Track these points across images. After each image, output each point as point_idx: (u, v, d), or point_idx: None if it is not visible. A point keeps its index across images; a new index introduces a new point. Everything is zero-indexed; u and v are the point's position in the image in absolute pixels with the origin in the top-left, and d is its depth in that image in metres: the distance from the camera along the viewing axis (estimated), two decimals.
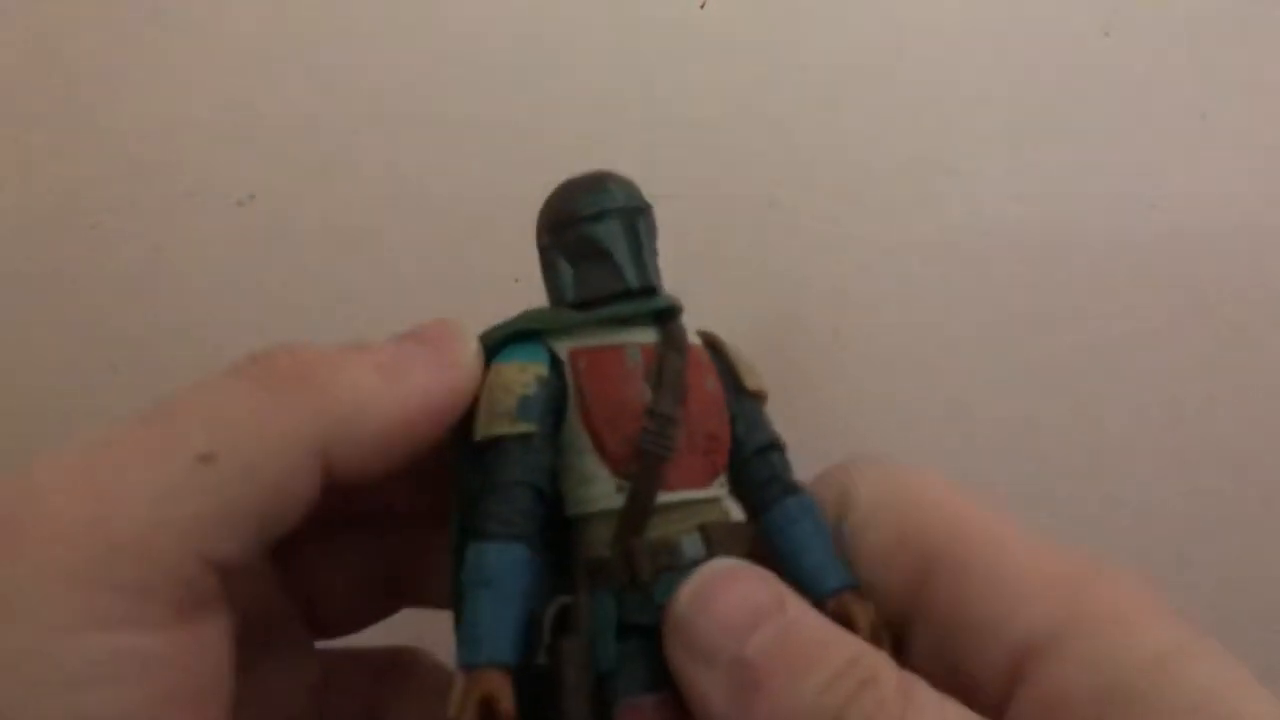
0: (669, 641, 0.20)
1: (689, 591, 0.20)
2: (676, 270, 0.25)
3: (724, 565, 0.20)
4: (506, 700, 0.19)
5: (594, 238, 0.23)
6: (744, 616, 0.19)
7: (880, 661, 0.19)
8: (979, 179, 0.43)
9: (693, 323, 0.24)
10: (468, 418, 0.22)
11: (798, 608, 0.20)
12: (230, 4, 0.41)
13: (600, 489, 0.21)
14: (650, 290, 0.23)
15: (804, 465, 0.24)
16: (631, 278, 0.22)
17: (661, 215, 0.24)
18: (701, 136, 0.42)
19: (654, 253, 0.23)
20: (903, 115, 0.43)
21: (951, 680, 0.20)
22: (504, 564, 0.20)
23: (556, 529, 0.22)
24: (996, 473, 0.42)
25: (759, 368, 0.24)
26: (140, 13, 0.41)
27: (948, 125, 0.43)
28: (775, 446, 0.23)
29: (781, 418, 0.24)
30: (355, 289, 0.41)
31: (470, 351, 0.22)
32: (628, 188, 0.23)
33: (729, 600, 0.19)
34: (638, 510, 0.21)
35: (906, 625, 0.22)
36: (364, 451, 0.20)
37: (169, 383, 0.40)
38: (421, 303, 0.42)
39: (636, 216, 0.23)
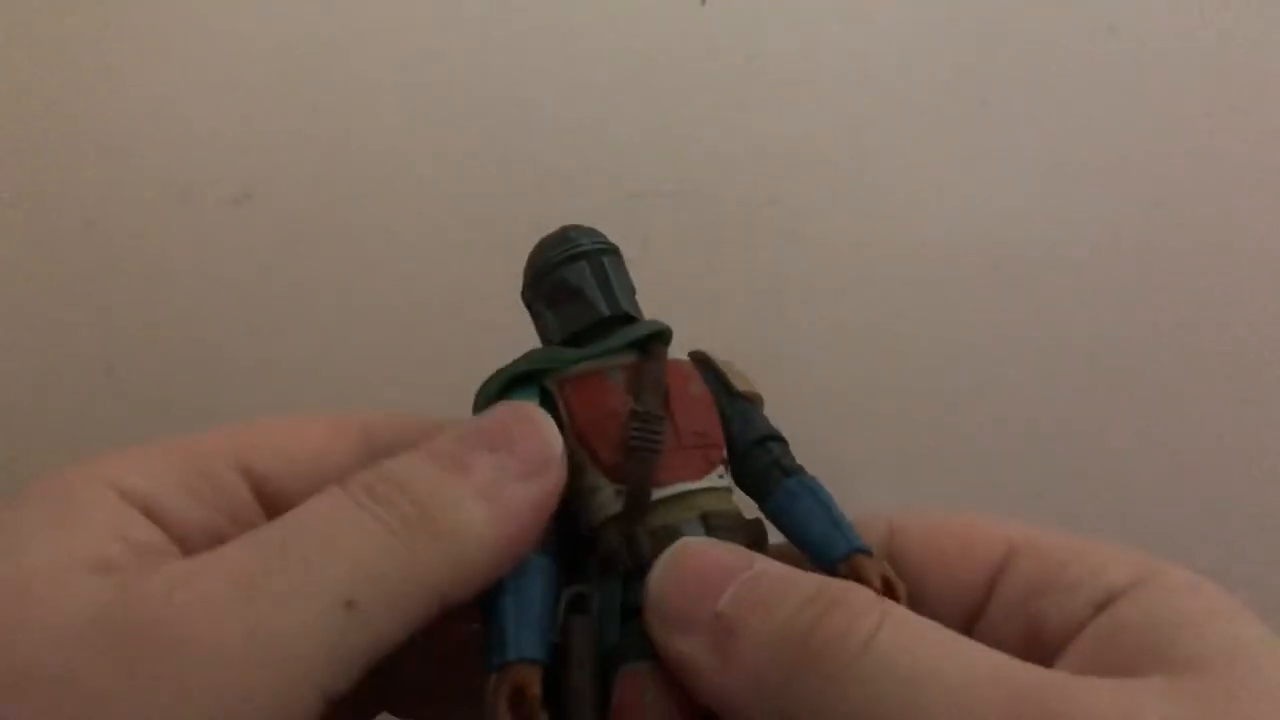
0: (650, 622, 0.21)
1: (659, 570, 0.21)
2: (677, 270, 0.25)
3: (690, 541, 0.22)
4: (534, 687, 0.21)
5: (565, 279, 0.25)
6: (713, 580, 0.20)
7: (849, 588, 0.20)
8: (980, 178, 0.43)
9: (692, 320, 0.25)
10: None
11: (765, 563, 0.21)
12: (229, 3, 0.41)
13: (603, 497, 0.23)
14: (626, 317, 0.25)
15: (805, 465, 0.24)
16: (603, 307, 0.24)
17: (662, 215, 0.25)
18: (701, 136, 0.42)
19: (626, 286, 0.25)
20: (903, 114, 0.43)
21: (1028, 637, 0.21)
22: (523, 571, 0.22)
23: (579, 547, 0.24)
24: (997, 473, 0.42)
25: (750, 375, 0.26)
26: (138, 11, 0.40)
27: (948, 125, 0.43)
28: (772, 437, 0.25)
29: (782, 417, 0.25)
30: (353, 287, 0.41)
31: (555, 448, 0.23)
32: (590, 234, 0.26)
33: (697, 569, 0.21)
34: (636, 500, 0.22)
35: (976, 615, 0.23)
36: (475, 583, 0.21)
37: (166, 382, 0.40)
38: (420, 301, 0.42)
39: (602, 256, 0.25)
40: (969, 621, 0.23)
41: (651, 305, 0.26)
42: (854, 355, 0.43)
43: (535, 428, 0.23)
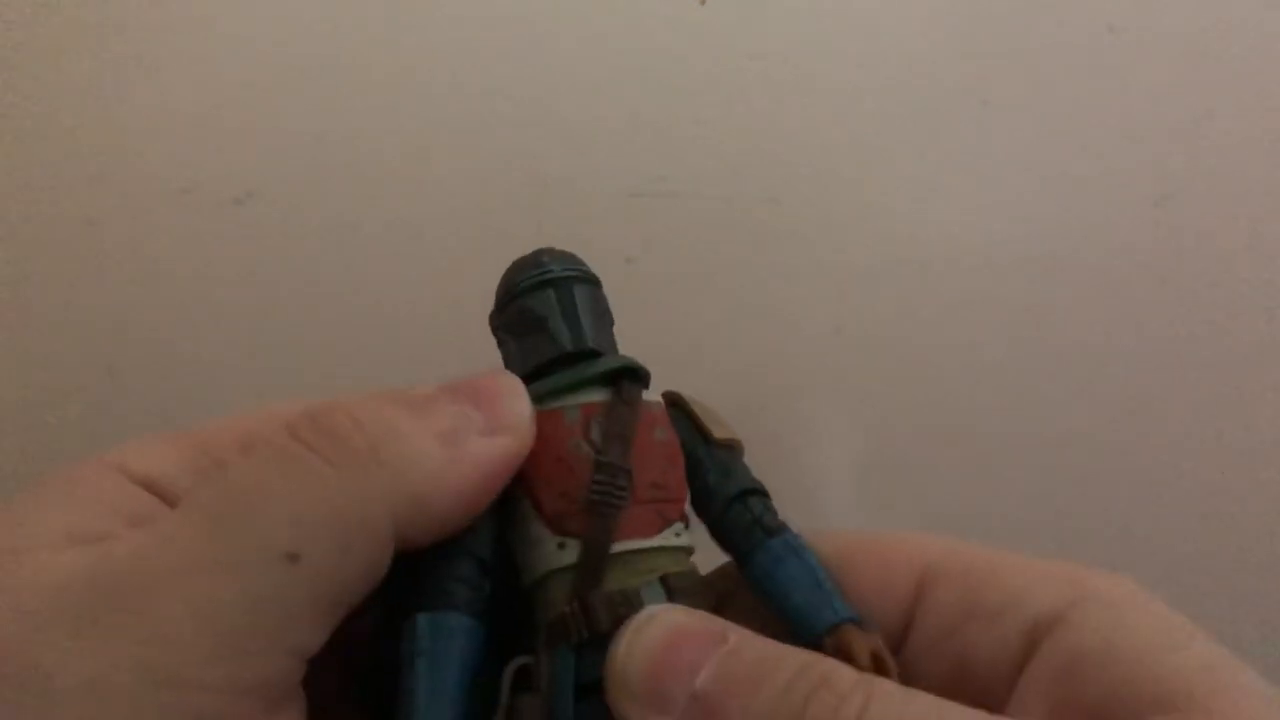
0: (615, 698, 0.19)
1: (626, 644, 0.19)
2: (676, 270, 0.25)
3: (658, 610, 0.20)
4: None
5: (529, 308, 0.23)
6: (687, 656, 0.19)
7: (833, 666, 0.18)
8: (980, 178, 0.43)
9: (691, 321, 0.24)
10: None
11: (740, 635, 0.19)
12: (229, 4, 0.41)
13: (544, 549, 0.21)
14: (591, 353, 0.23)
15: (806, 465, 0.24)
16: (565, 341, 0.22)
17: (662, 215, 0.24)
18: (702, 136, 0.42)
19: (598, 315, 0.23)
20: (903, 114, 0.43)
21: (957, 671, 0.20)
22: (440, 633, 0.20)
23: (516, 602, 0.22)
24: (996, 472, 0.42)
25: (727, 419, 0.24)
26: (138, 11, 0.40)
27: (948, 125, 0.43)
28: (753, 491, 0.23)
29: (781, 417, 0.24)
30: (352, 287, 0.41)
31: (524, 412, 0.21)
32: (563, 259, 0.23)
33: (669, 643, 0.19)
34: (592, 562, 0.20)
35: (900, 641, 0.22)
36: (430, 526, 0.20)
37: (165, 382, 0.40)
38: (420, 301, 0.42)
39: (573, 284, 0.23)
40: (894, 646, 0.22)
41: (650, 305, 0.25)
42: (854, 355, 0.42)
43: (505, 389, 0.21)
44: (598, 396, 0.22)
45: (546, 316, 0.23)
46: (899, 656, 0.21)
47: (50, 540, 0.19)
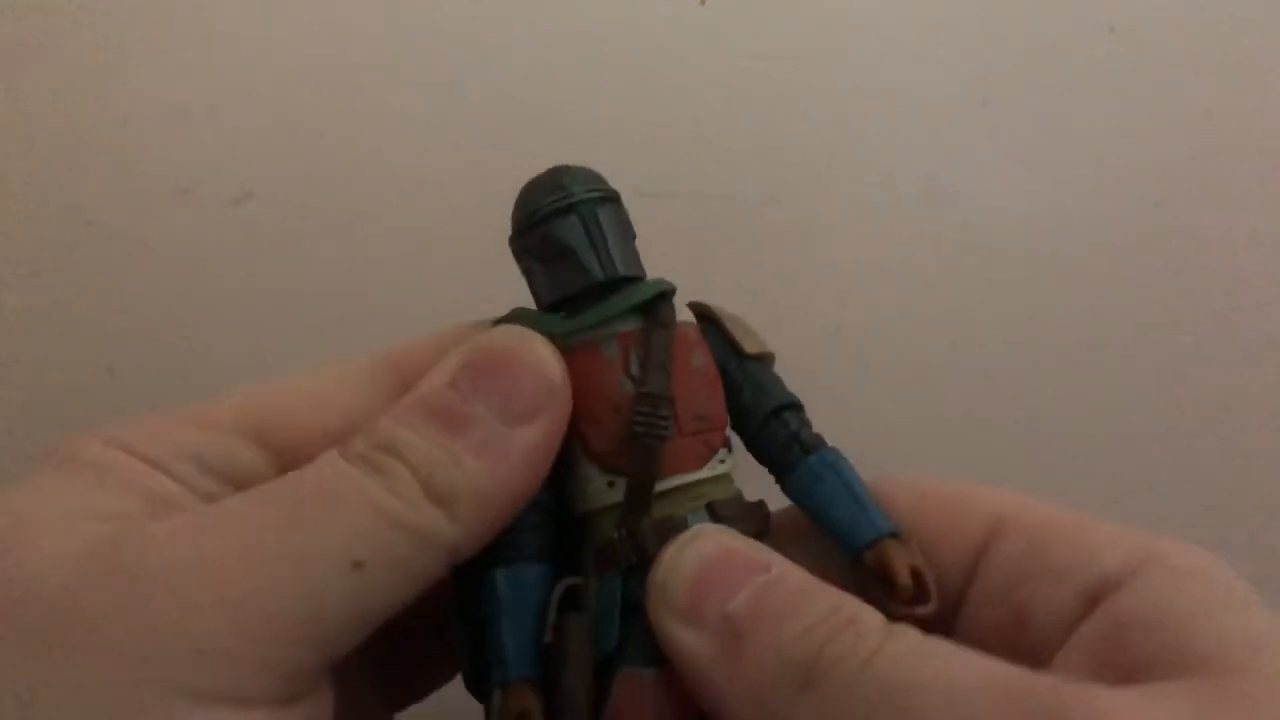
0: (654, 609, 0.20)
1: (671, 556, 0.20)
2: (676, 270, 0.24)
3: (707, 529, 0.21)
4: (537, 714, 0.20)
5: (554, 236, 0.22)
6: (727, 576, 0.19)
7: (862, 609, 0.19)
8: (980, 178, 0.43)
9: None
10: None
11: (782, 566, 0.20)
12: (229, 3, 0.41)
13: (594, 487, 0.21)
14: (622, 279, 0.22)
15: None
16: (597, 270, 0.22)
17: (662, 215, 0.24)
18: (702, 136, 0.42)
19: (624, 237, 0.23)
20: (903, 114, 0.43)
21: (1013, 625, 0.20)
22: (517, 587, 0.21)
23: (570, 530, 0.22)
24: (1000, 472, 0.42)
25: (757, 329, 0.24)
26: (137, 9, 0.40)
27: (948, 125, 0.43)
28: (788, 406, 0.23)
29: None
30: (352, 287, 0.41)
31: (554, 379, 0.21)
32: (586, 180, 0.23)
33: (713, 561, 0.20)
34: (640, 495, 0.21)
35: (961, 594, 0.22)
36: (483, 539, 0.21)
37: (165, 382, 0.40)
38: (419, 301, 0.41)
39: (597, 207, 0.22)
40: (953, 607, 0.22)
41: None
42: (853, 355, 0.42)
43: (529, 361, 0.21)
44: (632, 324, 0.22)
45: (574, 246, 0.22)
46: (962, 605, 0.22)
47: (66, 513, 0.19)
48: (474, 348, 0.21)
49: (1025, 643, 0.20)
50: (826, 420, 0.41)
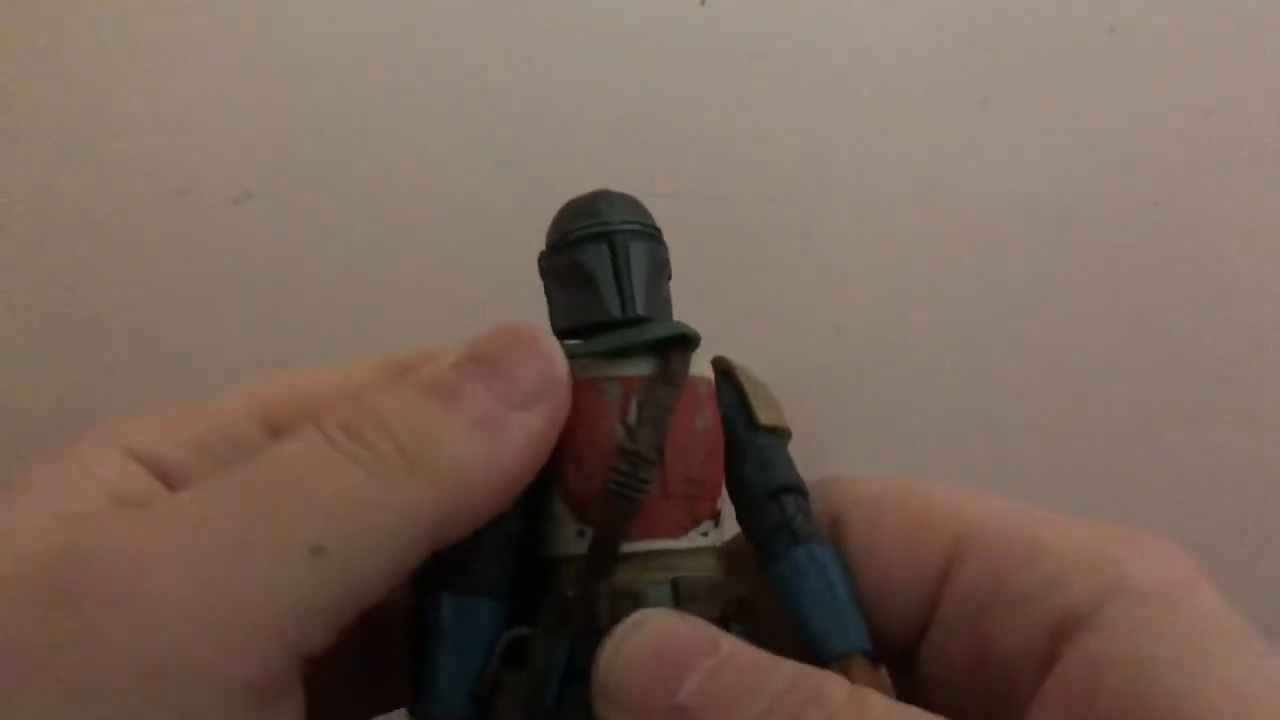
0: (599, 704, 0.18)
1: (612, 647, 0.19)
2: (675, 271, 0.24)
3: (650, 615, 0.19)
4: None
5: (579, 263, 0.21)
6: (674, 665, 0.18)
7: (825, 678, 0.18)
8: (979, 178, 0.43)
9: (691, 321, 0.24)
10: None
11: (732, 645, 0.18)
12: (229, 3, 0.41)
13: (564, 533, 0.20)
14: (641, 320, 0.21)
15: (804, 464, 0.24)
16: (614, 307, 0.21)
17: (661, 215, 0.24)
18: (702, 136, 0.42)
19: (653, 278, 0.21)
20: (903, 114, 0.43)
21: (980, 660, 0.19)
22: (464, 621, 0.20)
23: (536, 570, 0.21)
24: (999, 470, 0.42)
25: (779, 400, 0.22)
26: (136, 10, 0.40)
27: (948, 125, 0.43)
28: (790, 489, 0.21)
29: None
30: (352, 287, 0.41)
31: (560, 371, 0.20)
32: (624, 208, 0.21)
33: (656, 651, 0.18)
34: (601, 555, 0.20)
35: (924, 622, 0.21)
36: (470, 521, 0.19)
37: (164, 382, 0.40)
38: (419, 301, 0.41)
39: (631, 240, 0.21)
40: (917, 635, 0.21)
41: None
42: (853, 355, 0.42)
43: (535, 347, 0.20)
44: (641, 369, 0.21)
45: (597, 276, 0.21)
46: (925, 634, 0.20)
47: (36, 519, 0.18)
48: (481, 337, 0.20)
49: (993, 674, 0.19)
50: (826, 420, 0.41)
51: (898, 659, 0.21)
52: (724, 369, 0.22)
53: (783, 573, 0.20)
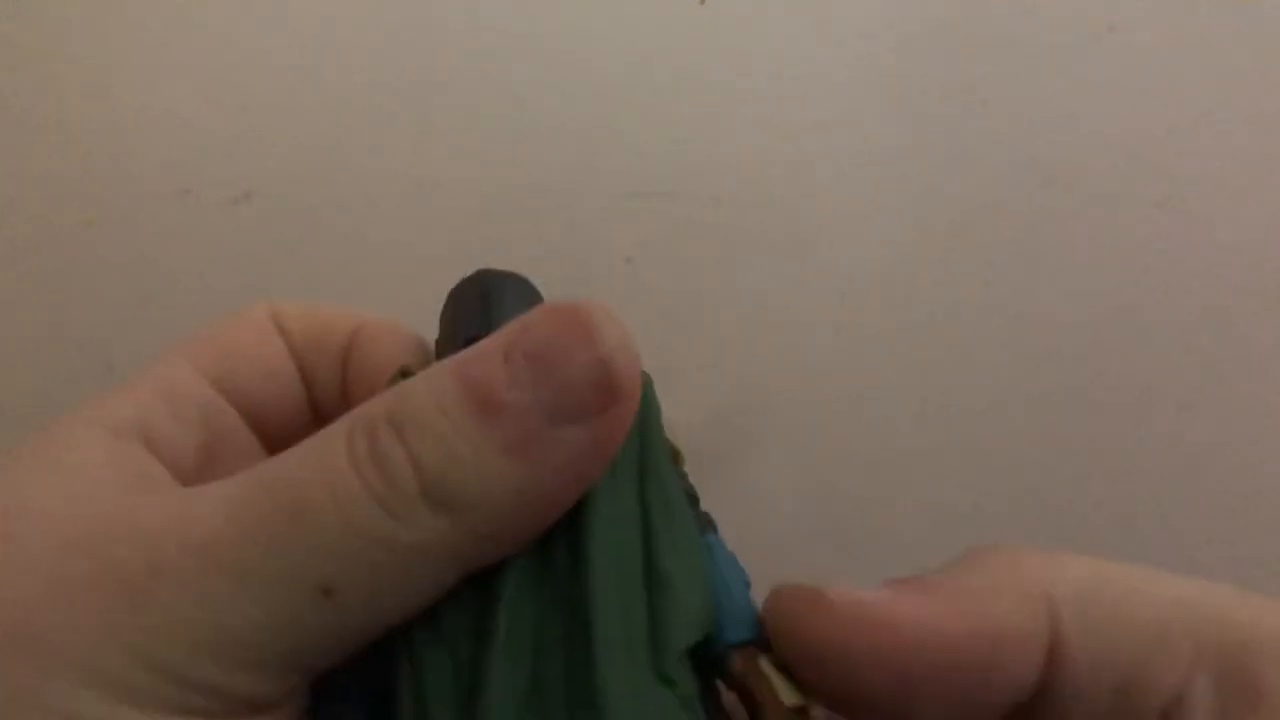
0: None
1: None
2: (673, 271, 0.24)
3: None
4: None
5: None
6: None
7: None
8: (979, 178, 0.43)
9: (689, 322, 0.24)
10: None
11: None
12: (229, 3, 0.41)
13: None
14: None
15: (804, 462, 0.24)
16: None
17: (659, 215, 0.24)
18: (700, 136, 0.42)
19: None
20: (903, 114, 0.43)
21: None
22: None
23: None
24: (1001, 474, 0.42)
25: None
26: (138, 11, 0.40)
27: (947, 125, 0.43)
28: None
29: (779, 419, 0.24)
30: (352, 288, 0.41)
31: (622, 371, 0.17)
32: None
33: None
34: None
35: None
36: (495, 556, 0.17)
37: None
38: (419, 302, 0.41)
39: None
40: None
41: (649, 305, 0.25)
42: (852, 356, 0.42)
43: (595, 337, 0.17)
44: None
45: None
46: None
47: (46, 505, 0.17)
48: (535, 315, 0.17)
49: None
50: (826, 420, 0.40)
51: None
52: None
53: None
